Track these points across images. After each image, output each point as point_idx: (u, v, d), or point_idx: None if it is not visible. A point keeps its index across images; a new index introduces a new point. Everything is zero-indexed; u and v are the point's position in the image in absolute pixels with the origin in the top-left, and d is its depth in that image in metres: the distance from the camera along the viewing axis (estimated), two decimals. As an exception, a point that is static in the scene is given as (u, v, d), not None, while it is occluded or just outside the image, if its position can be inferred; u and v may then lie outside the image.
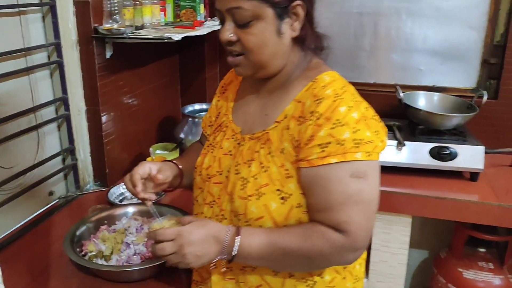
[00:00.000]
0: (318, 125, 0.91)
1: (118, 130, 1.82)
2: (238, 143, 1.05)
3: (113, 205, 1.57)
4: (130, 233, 1.31)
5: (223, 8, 0.95)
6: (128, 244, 1.27)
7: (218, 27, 2.09)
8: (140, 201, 1.57)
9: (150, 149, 1.87)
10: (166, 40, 1.56)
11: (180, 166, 1.18)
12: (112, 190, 1.67)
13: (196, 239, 0.92)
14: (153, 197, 1.12)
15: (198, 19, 1.96)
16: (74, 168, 1.73)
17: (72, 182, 1.75)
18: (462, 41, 2.16)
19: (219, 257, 0.94)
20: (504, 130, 2.14)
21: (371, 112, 0.96)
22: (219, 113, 1.17)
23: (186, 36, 1.70)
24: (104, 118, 1.71)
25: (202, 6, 1.99)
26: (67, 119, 1.68)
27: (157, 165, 1.14)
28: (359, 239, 0.91)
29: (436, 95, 2.13)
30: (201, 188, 1.10)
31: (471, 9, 2.11)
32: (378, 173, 0.95)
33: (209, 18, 2.11)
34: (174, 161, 1.20)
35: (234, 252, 0.92)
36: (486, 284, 1.90)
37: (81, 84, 1.66)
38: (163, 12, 1.91)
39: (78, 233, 1.31)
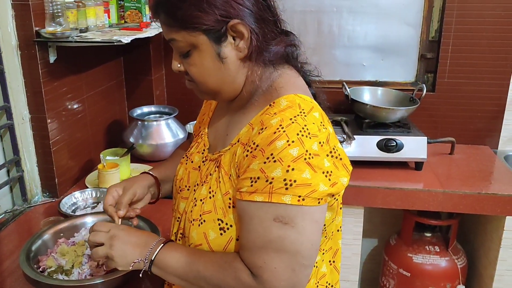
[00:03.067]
0: (254, 157, 0.83)
1: (66, 137, 1.75)
2: (203, 161, 1.00)
3: (66, 216, 1.50)
4: (91, 245, 1.26)
5: (166, 38, 0.90)
6: (89, 256, 1.22)
7: (166, 28, 2.05)
8: (99, 211, 1.55)
9: (101, 155, 1.80)
10: (115, 43, 1.51)
11: (156, 176, 1.15)
12: (63, 201, 1.60)
13: (128, 237, 0.94)
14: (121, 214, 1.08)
15: (144, 20, 1.91)
16: (20, 180, 1.64)
17: (19, 195, 1.66)
18: (401, 37, 2.27)
19: (139, 258, 0.92)
20: (441, 120, 2.28)
21: (327, 148, 0.84)
22: (202, 120, 1.12)
23: (133, 38, 1.65)
24: (50, 126, 1.64)
25: (147, 7, 1.95)
26: (10, 128, 1.58)
27: (121, 186, 1.10)
28: None
29: (379, 90, 2.22)
30: (175, 199, 1.06)
31: (407, 7, 2.22)
32: (314, 221, 0.83)
33: (154, 19, 2.07)
34: (150, 172, 1.16)
35: (152, 258, 0.91)
36: (433, 267, 2.01)
37: (24, 91, 1.57)
38: (106, 14, 1.84)
39: (33, 248, 1.24)
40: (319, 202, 0.81)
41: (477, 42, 2.16)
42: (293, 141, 0.80)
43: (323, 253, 0.97)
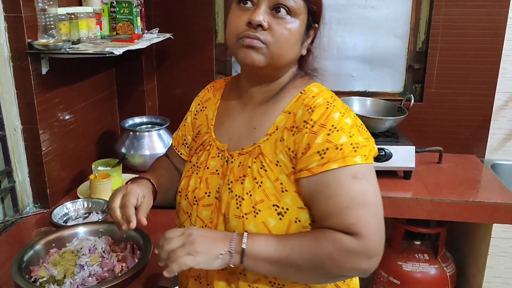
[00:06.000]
0: (314, 133, 0.90)
1: (58, 148, 1.75)
2: (226, 161, 1.01)
3: (58, 226, 1.51)
4: (83, 255, 1.27)
5: None
6: (82, 266, 1.23)
7: (157, 40, 2.08)
8: (90, 221, 1.55)
9: (93, 165, 1.81)
10: (107, 55, 1.53)
11: (154, 183, 1.09)
12: (55, 211, 1.60)
13: (204, 232, 0.91)
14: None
15: (136, 32, 1.93)
16: (12, 190, 1.65)
17: (10, 206, 1.66)
18: (389, 49, 2.31)
19: (225, 249, 0.88)
20: (430, 130, 2.31)
21: (359, 121, 0.95)
22: (199, 132, 1.12)
23: (125, 50, 1.67)
24: (42, 137, 1.65)
25: (138, 18, 1.97)
26: (2, 139, 1.59)
27: (143, 191, 1.03)
28: (372, 243, 0.85)
29: (368, 100, 2.26)
30: (188, 213, 1.04)
31: (395, 19, 2.27)
32: (375, 176, 0.92)
33: (146, 31, 2.09)
34: (149, 179, 1.09)
35: (244, 245, 0.87)
36: (423, 275, 2.03)
37: (16, 102, 1.58)
38: (98, 26, 1.86)
39: (25, 258, 1.25)
40: (373, 160, 0.93)
41: (463, 53, 2.20)
42: (343, 113, 0.92)
43: None
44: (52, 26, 1.55)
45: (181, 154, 1.18)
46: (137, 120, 2.20)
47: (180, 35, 2.28)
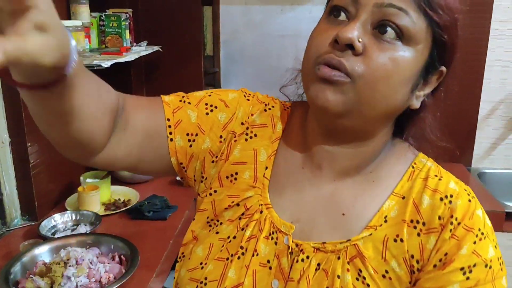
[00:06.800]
0: (456, 238, 0.61)
1: (46, 161, 1.75)
2: (290, 252, 0.66)
3: (46, 238, 1.51)
4: (70, 266, 1.27)
5: (371, 0, 0.58)
6: (68, 278, 1.23)
7: (146, 53, 2.09)
8: (78, 233, 1.55)
9: (81, 177, 1.82)
10: (95, 68, 1.54)
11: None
12: (43, 223, 1.60)
13: None
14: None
15: (124, 45, 1.95)
16: (-1, 203, 1.65)
17: (-2, 219, 1.65)
18: (375, 60, 2.34)
19: None
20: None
21: None
22: (236, 174, 0.71)
23: (113, 62, 1.69)
24: (30, 149, 1.65)
25: (127, 32, 1.99)
26: (-10, 152, 1.59)
27: None
28: None
29: (355, 110, 2.28)
30: None
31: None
32: None
33: (134, 44, 2.11)
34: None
35: None
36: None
37: (4, 114, 1.59)
38: (87, 39, 1.88)
39: (12, 271, 1.25)
40: None
41: (448, 63, 2.24)
42: (481, 208, 0.64)
43: None
44: (41, 39, 1.56)
45: (171, 139, 0.73)
46: (126, 132, 2.20)
47: (169, 47, 2.30)
